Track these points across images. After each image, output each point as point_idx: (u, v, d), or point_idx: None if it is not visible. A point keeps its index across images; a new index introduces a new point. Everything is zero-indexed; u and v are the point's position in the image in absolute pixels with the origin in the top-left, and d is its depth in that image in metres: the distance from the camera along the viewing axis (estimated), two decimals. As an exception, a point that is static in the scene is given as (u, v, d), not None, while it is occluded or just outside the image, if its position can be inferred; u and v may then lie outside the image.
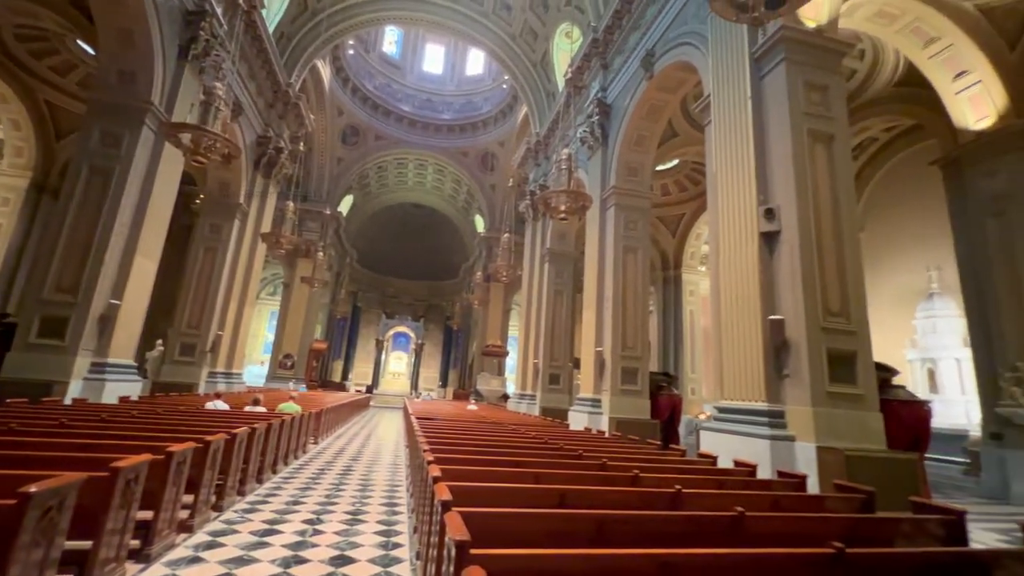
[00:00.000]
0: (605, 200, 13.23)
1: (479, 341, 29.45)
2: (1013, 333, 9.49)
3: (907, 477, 5.98)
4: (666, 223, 20.61)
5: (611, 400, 11.55)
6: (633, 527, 2.87)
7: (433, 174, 32.76)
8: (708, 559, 2.15)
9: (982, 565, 2.69)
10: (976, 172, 10.44)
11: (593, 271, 13.29)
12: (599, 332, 12.63)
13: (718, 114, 8.56)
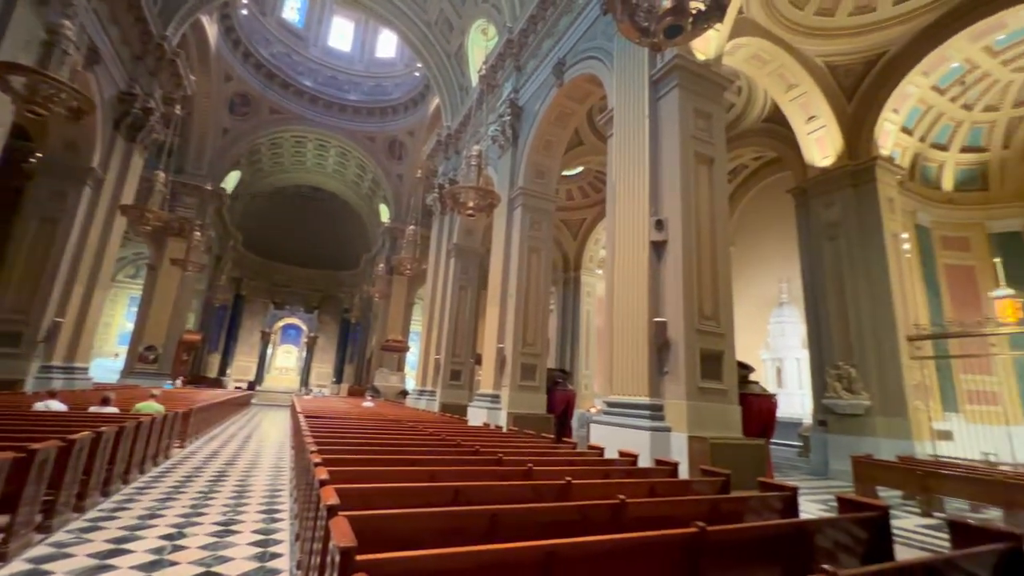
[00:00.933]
0: (513, 200, 13.47)
1: (379, 335, 28.36)
2: (837, 337, 11.47)
3: (757, 460, 6.94)
4: (569, 226, 21.60)
5: (510, 395, 11.81)
6: (525, 519, 2.95)
7: (336, 157, 30.76)
8: (591, 546, 2.28)
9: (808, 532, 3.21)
10: (818, 202, 12.42)
11: (498, 269, 13.48)
12: (502, 329, 12.85)
13: (619, 128, 9.15)
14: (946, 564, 2.43)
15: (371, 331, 31.21)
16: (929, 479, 7.15)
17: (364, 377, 30.83)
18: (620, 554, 2.47)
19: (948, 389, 11.97)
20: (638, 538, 2.44)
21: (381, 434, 7.04)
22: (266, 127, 26.80)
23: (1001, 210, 13.28)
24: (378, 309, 29.53)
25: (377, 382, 26.00)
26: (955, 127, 12.89)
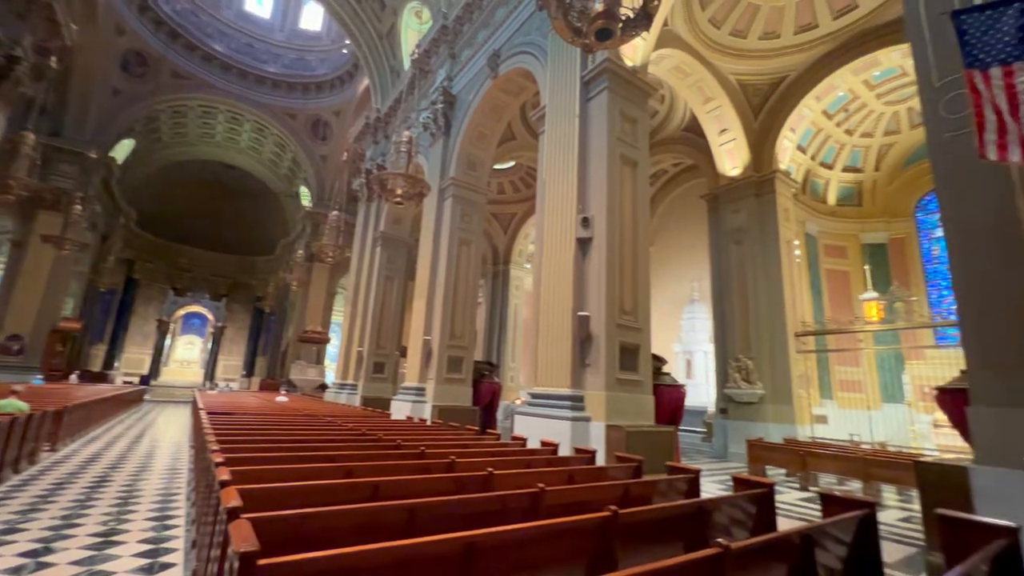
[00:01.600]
0: (444, 190, 13.25)
1: (296, 326, 26.72)
2: (739, 333, 12.61)
3: (667, 446, 7.45)
4: (499, 220, 21.71)
5: (436, 388, 11.67)
6: (445, 512, 2.92)
7: (251, 132, 28.34)
8: (510, 535, 2.31)
9: (707, 510, 3.49)
10: (727, 209, 13.53)
11: (427, 260, 13.22)
12: (429, 321, 12.63)
13: (551, 126, 9.31)
14: (817, 531, 2.75)
15: (288, 321, 29.30)
16: (807, 458, 8.11)
17: (279, 371, 28.92)
18: (539, 541, 2.53)
19: (825, 379, 13.64)
20: (555, 524, 2.50)
21: (295, 430, 6.64)
22: (167, 92, 24.01)
23: (871, 224, 15.32)
24: (296, 298, 27.79)
25: (293, 375, 24.51)
26: (839, 149, 14.63)
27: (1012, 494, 3.52)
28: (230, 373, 33.36)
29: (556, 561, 2.61)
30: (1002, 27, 3.05)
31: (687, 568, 2.04)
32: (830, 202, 15.35)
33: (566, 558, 2.66)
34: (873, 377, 13.97)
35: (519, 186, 20.49)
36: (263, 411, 9.99)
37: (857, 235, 15.40)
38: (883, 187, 15.22)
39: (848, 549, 3.17)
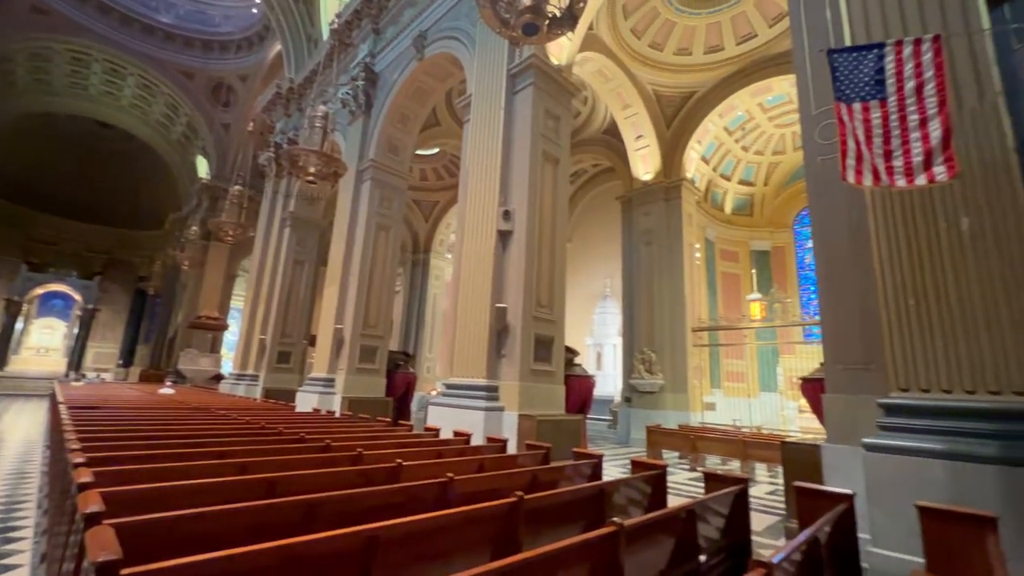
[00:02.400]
0: (362, 172, 12.65)
1: (188, 310, 24.08)
2: (644, 327, 13.54)
3: (575, 433, 7.81)
4: (421, 207, 21.21)
5: (346, 379, 11.18)
6: (348, 507, 2.82)
7: (135, 89, 24.81)
8: (415, 525, 2.28)
9: (607, 492, 3.72)
10: (639, 211, 14.40)
11: (341, 244, 12.55)
12: (341, 308, 12.04)
13: (476, 115, 9.24)
14: (700, 506, 3.05)
15: (177, 305, 26.28)
16: (697, 442, 8.96)
17: (165, 360, 25.90)
18: (445, 530, 2.52)
19: (715, 370, 15.11)
20: (461, 512, 2.52)
21: (181, 425, 6.00)
22: (23, 31, 20.23)
23: (759, 232, 17.17)
24: (188, 280, 25.01)
25: (183, 365, 22.10)
26: (736, 163, 16.17)
27: (852, 467, 4.16)
28: (103, 362, 29.31)
29: (463, 548, 2.63)
30: (863, 68, 3.55)
31: (585, 546, 2.15)
32: (727, 211, 16.95)
33: (473, 545, 2.69)
34: (754, 369, 15.74)
35: (442, 174, 20.15)
36: (142, 405, 8.90)
37: (747, 242, 17.19)
38: (770, 200, 17.11)
39: (725, 520, 3.55)
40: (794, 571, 2.32)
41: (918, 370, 3.92)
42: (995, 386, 3.61)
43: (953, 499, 3.43)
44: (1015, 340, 3.58)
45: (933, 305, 3.93)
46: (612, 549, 2.23)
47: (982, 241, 3.80)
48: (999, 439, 3.51)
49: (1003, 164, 3.81)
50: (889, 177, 3.47)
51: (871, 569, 3.75)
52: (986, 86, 3.96)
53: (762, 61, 12.47)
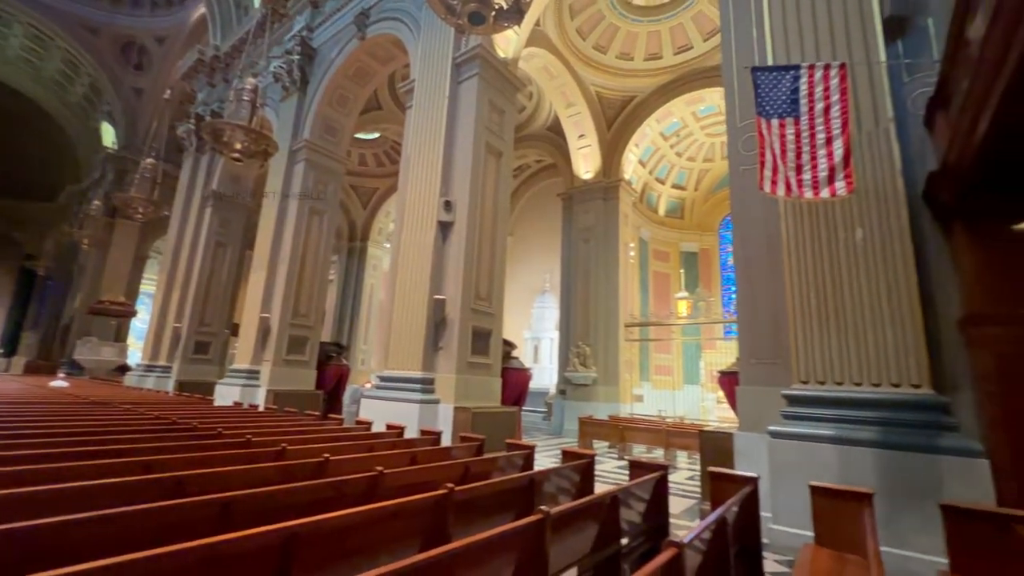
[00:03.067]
0: (295, 152, 11.94)
1: (88, 294, 21.58)
2: (580, 322, 13.95)
3: (510, 425, 7.91)
4: (359, 193, 20.42)
5: (272, 371, 10.58)
6: (268, 504, 2.68)
7: (23, 40, 21.67)
8: (338, 521, 2.21)
9: (537, 481, 3.81)
10: (579, 209, 14.77)
11: (270, 227, 11.80)
12: (268, 296, 11.34)
13: (419, 102, 9.02)
14: (624, 492, 3.21)
15: (75, 288, 23.47)
16: (625, 432, 9.40)
17: (58, 349, 23.09)
18: (372, 524, 2.47)
19: (645, 364, 15.91)
20: (390, 506, 2.47)
21: (75, 422, 5.40)
22: None
23: (689, 235, 18.21)
24: (88, 260, 22.40)
25: (81, 355, 19.83)
26: (670, 167, 17.02)
27: (759, 452, 4.55)
28: (-22, 351, 25.58)
29: (391, 542, 2.58)
30: (781, 87, 3.86)
31: (512, 535, 2.20)
32: (660, 213, 17.82)
33: (401, 538, 2.65)
34: (679, 363, 16.75)
35: (383, 160, 19.50)
36: (26, 399, 7.90)
37: (678, 243, 18.19)
38: (699, 205, 18.20)
39: (646, 505, 3.77)
40: (704, 549, 2.51)
41: (816, 364, 4.36)
42: (877, 379, 4.10)
43: (841, 479, 3.86)
44: (894, 338, 4.08)
45: (831, 306, 4.37)
46: (538, 536, 2.29)
47: (871, 250, 4.27)
48: (877, 425, 3.99)
49: (892, 184, 4.31)
50: (799, 189, 3.81)
51: (771, 543, 4.14)
52: (881, 113, 4.44)
53: (697, 72, 13.17)
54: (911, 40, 4.67)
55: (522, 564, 2.25)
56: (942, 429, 3.83)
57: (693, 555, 2.32)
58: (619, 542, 3.14)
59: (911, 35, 4.67)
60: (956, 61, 3.46)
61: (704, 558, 2.48)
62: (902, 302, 4.08)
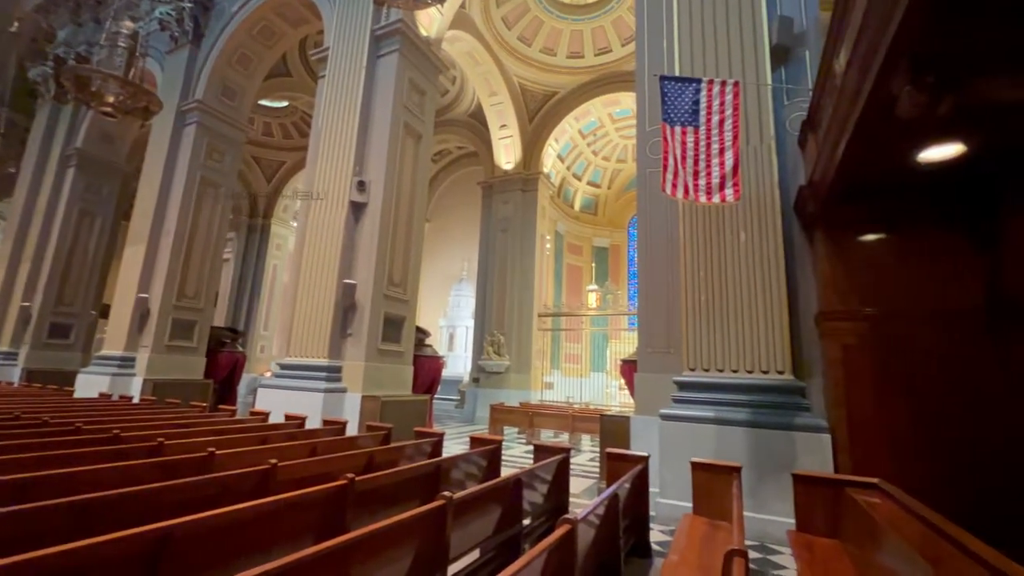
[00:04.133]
0: (185, 113, 10.62)
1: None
2: (496, 311, 14.12)
3: (420, 413, 7.82)
4: (263, 166, 18.71)
5: (151, 358, 9.42)
6: (138, 505, 2.39)
7: None
8: (222, 518, 2.04)
9: (446, 468, 3.82)
10: (498, 199, 14.85)
11: (152, 197, 10.41)
12: (148, 274, 10.03)
13: (333, 73, 8.45)
14: (527, 474, 3.32)
15: None
16: (534, 417, 9.73)
17: None
18: (263, 520, 2.32)
19: (556, 352, 16.54)
20: (283, 500, 2.33)
21: None
22: None
23: (601, 231, 19.14)
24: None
25: None
26: (587, 165, 17.71)
27: (651, 433, 4.96)
28: None
29: (286, 537, 2.44)
30: (685, 97, 4.17)
31: (413, 522, 2.18)
32: (576, 208, 18.51)
33: (297, 533, 2.51)
34: (588, 352, 17.64)
35: (292, 132, 18.02)
36: None
37: (591, 238, 19.04)
38: (612, 203, 19.18)
39: (549, 486, 3.94)
40: (597, 523, 2.69)
41: (702, 353, 4.83)
42: (750, 366, 4.64)
43: (717, 455, 4.32)
44: (765, 331, 4.64)
45: (716, 301, 4.86)
46: (439, 522, 2.30)
47: (751, 253, 4.80)
48: (749, 407, 4.52)
49: (770, 194, 4.86)
50: (695, 193, 4.16)
51: (657, 516, 4.54)
52: (765, 130, 4.98)
53: (614, 75, 13.78)
54: (792, 68, 5.28)
55: (423, 550, 2.25)
56: (799, 409, 4.45)
57: (586, 529, 2.48)
58: (520, 523, 3.26)
59: (792, 64, 5.29)
60: (824, 90, 3.98)
61: (597, 532, 2.66)
62: (773, 299, 4.65)
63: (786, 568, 3.57)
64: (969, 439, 3.80)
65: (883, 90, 2.54)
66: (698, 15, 5.48)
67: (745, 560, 1.72)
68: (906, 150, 3.32)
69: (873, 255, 4.41)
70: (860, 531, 2.68)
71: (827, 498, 3.15)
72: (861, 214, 4.38)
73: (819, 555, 2.81)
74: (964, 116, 2.69)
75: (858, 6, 2.76)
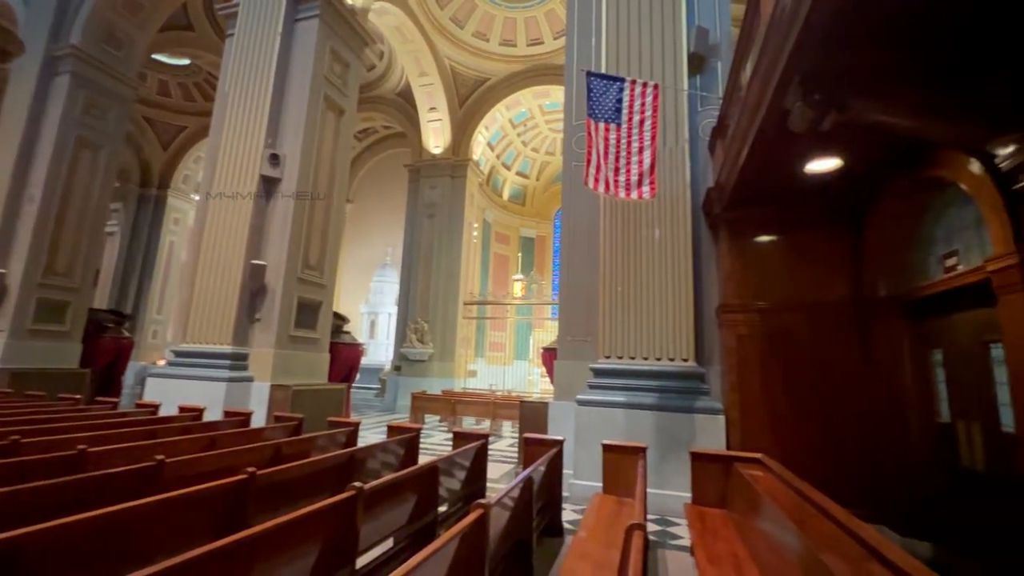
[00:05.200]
0: (57, 60, 9.12)
1: None
2: (420, 298, 13.84)
3: (336, 402, 7.48)
4: (159, 130, 16.64)
5: (7, 344, 8.10)
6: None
7: None
8: (91, 523, 1.80)
9: (360, 458, 3.69)
10: (426, 183, 14.49)
11: (10, 156, 8.84)
12: (5, 245, 8.56)
13: (244, 31, 7.69)
14: (444, 461, 3.31)
15: None
16: (456, 405, 9.72)
17: None
18: (142, 523, 2.08)
19: (481, 340, 16.61)
20: (168, 499, 2.11)
21: None
22: None
23: (528, 221, 19.42)
24: None
25: None
26: (516, 155, 17.82)
27: (567, 417, 5.15)
28: None
29: (174, 539, 2.22)
30: (609, 95, 4.32)
31: (322, 514, 2.08)
32: (504, 197, 18.59)
33: (188, 534, 2.30)
34: (512, 340, 17.93)
35: (194, 94, 16.17)
36: None
37: (518, 228, 19.26)
38: (540, 195, 19.50)
39: (467, 472, 3.95)
40: (512, 506, 2.75)
41: (617, 341, 5.09)
42: (659, 354, 4.97)
43: (627, 438, 4.59)
44: (674, 321, 4.98)
45: (632, 293, 5.13)
46: (349, 514, 2.22)
47: (664, 249, 5.12)
48: (656, 392, 4.85)
49: (682, 194, 5.20)
50: (615, 188, 4.34)
51: (571, 496, 4.75)
52: (680, 133, 5.30)
53: (546, 68, 13.92)
54: (706, 77, 5.66)
55: (331, 543, 2.16)
56: (699, 394, 4.85)
57: (500, 512, 2.52)
58: (436, 510, 3.24)
59: (706, 73, 5.66)
60: (732, 100, 4.31)
61: (511, 514, 2.72)
62: (681, 292, 5.01)
63: (682, 538, 3.90)
64: (833, 414, 4.38)
65: (778, 103, 2.80)
66: (624, 17, 5.68)
67: (644, 533, 1.84)
68: (795, 161, 3.70)
69: (766, 254, 4.90)
70: (744, 501, 3.00)
71: (718, 473, 3.48)
72: (757, 217, 4.84)
73: (709, 524, 3.09)
74: (842, 133, 3.05)
75: (761, 27, 3.01)
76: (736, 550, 2.65)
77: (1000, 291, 2.75)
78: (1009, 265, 2.64)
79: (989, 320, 2.96)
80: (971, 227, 3.23)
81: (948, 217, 3.52)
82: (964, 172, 2.98)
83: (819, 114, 2.58)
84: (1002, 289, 2.74)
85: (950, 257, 3.47)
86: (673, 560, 3.46)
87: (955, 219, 3.44)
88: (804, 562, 1.76)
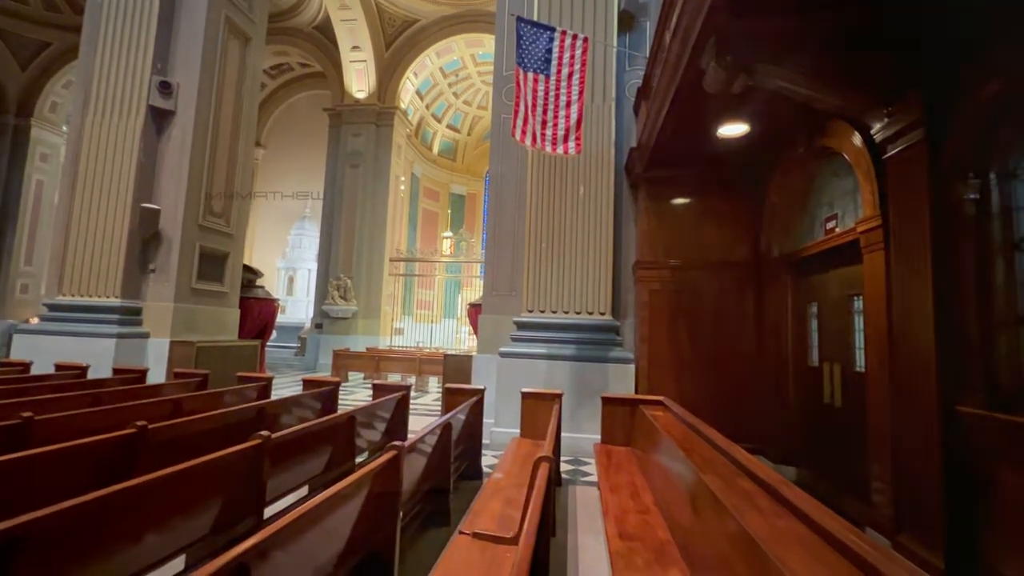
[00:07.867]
0: None
1: None
2: (343, 253, 13.21)
3: (249, 360, 7.06)
4: (15, 47, 13.84)
5: None
6: None
7: None
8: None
9: (272, 412, 3.55)
10: (349, 130, 13.53)
11: None
12: None
13: (120, -71, 6.47)
14: (362, 411, 3.28)
15: None
16: (380, 361, 9.59)
17: None
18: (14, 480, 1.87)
19: (408, 298, 16.32)
20: (38, 454, 1.90)
21: None
22: None
23: (459, 177, 18.95)
24: None
25: None
26: (447, 107, 17.09)
27: (490, 369, 5.27)
28: None
29: (51, 498, 2.02)
30: (539, 44, 4.21)
31: (223, 464, 1.98)
32: (434, 151, 17.90)
33: (65, 492, 2.10)
34: (440, 298, 17.81)
35: (60, 5, 13.55)
36: None
37: (448, 184, 18.75)
38: (471, 150, 19.00)
39: (387, 423, 3.95)
40: (429, 451, 2.80)
41: (539, 296, 5.22)
42: (579, 308, 5.18)
43: (547, 387, 4.81)
44: (594, 276, 5.19)
45: (556, 248, 5.24)
46: (255, 463, 2.14)
47: (588, 205, 5.24)
48: (575, 344, 5.09)
49: (607, 153, 5.30)
50: (542, 143, 4.32)
51: (491, 443, 4.93)
52: (608, 91, 5.34)
53: (479, 14, 13.25)
54: (634, 36, 5.70)
55: (235, 493, 2.07)
56: (613, 345, 5.16)
57: (418, 457, 2.56)
58: (354, 460, 3.23)
59: (635, 32, 5.70)
60: (656, 61, 4.39)
61: (429, 458, 2.77)
62: (601, 249, 5.20)
63: (591, 475, 4.23)
64: (729, 362, 4.89)
65: (695, 63, 2.89)
66: (558, -37, 5.49)
67: (550, 465, 1.96)
68: (710, 124, 3.89)
69: (680, 215, 5.20)
70: (645, 437, 3.29)
71: (625, 415, 3.77)
72: (674, 179, 5.09)
73: (614, 460, 3.38)
74: (751, 99, 3.24)
75: (685, -17, 3.05)
76: (635, 480, 2.92)
77: (866, 250, 3.14)
78: (874, 226, 3.01)
79: (855, 276, 3.40)
80: (850, 193, 3.63)
81: (833, 184, 3.93)
82: (848, 143, 3.31)
83: (730, 76, 2.71)
84: (867, 248, 3.13)
85: (831, 220, 3.90)
86: (582, 493, 3.76)
87: (838, 186, 3.84)
88: (688, 482, 1.98)
